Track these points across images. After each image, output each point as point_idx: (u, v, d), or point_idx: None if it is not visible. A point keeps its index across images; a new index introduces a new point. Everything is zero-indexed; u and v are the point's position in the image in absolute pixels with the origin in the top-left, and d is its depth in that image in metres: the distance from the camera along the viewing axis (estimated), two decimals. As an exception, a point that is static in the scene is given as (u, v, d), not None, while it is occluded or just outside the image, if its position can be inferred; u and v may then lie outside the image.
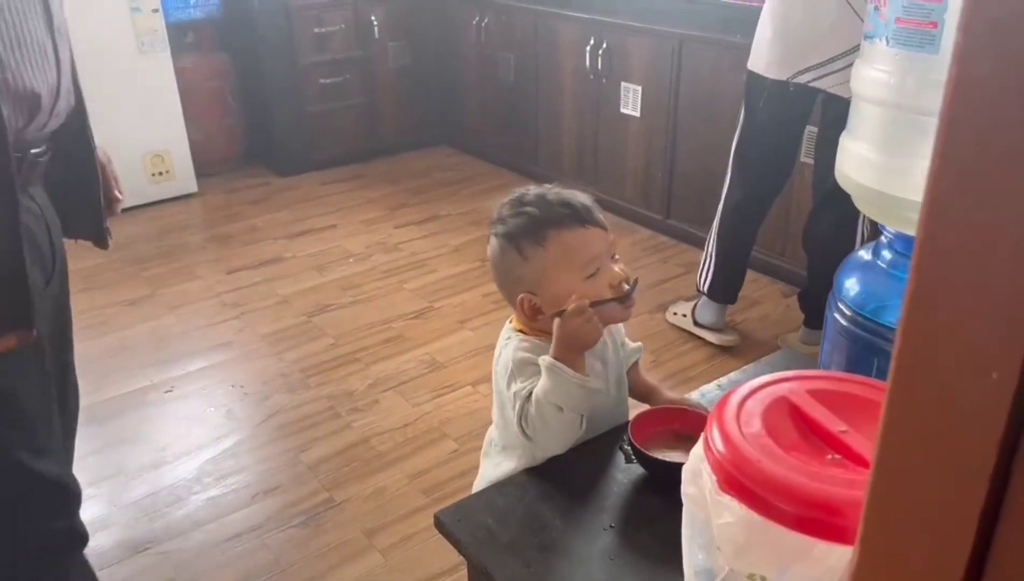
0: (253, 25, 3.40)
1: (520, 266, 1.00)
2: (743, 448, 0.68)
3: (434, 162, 3.83)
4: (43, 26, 0.94)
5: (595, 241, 0.99)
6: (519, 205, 1.00)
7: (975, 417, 0.33)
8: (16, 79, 0.89)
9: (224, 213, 3.30)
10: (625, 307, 1.01)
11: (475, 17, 3.53)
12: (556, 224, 0.97)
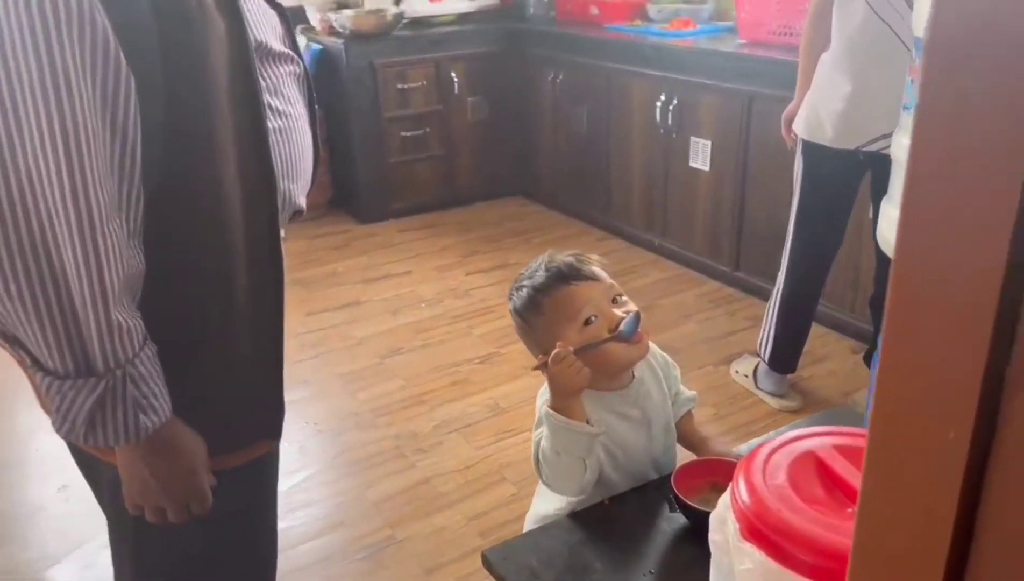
0: (342, 82, 3.61)
1: (530, 334, 1.11)
2: (765, 498, 0.72)
3: (507, 212, 3.94)
4: (308, 131, 0.95)
5: (583, 293, 1.06)
6: (519, 281, 1.11)
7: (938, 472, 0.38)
8: (287, 204, 0.90)
9: (308, 258, 3.47)
10: (630, 344, 1.06)
11: (550, 74, 3.66)
12: (545, 290, 1.07)
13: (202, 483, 0.81)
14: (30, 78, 0.60)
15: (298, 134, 0.88)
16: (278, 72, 0.84)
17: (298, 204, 0.91)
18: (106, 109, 0.65)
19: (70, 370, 0.69)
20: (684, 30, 3.16)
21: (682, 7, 3.37)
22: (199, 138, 0.72)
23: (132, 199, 0.69)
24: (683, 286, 3.05)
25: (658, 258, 3.28)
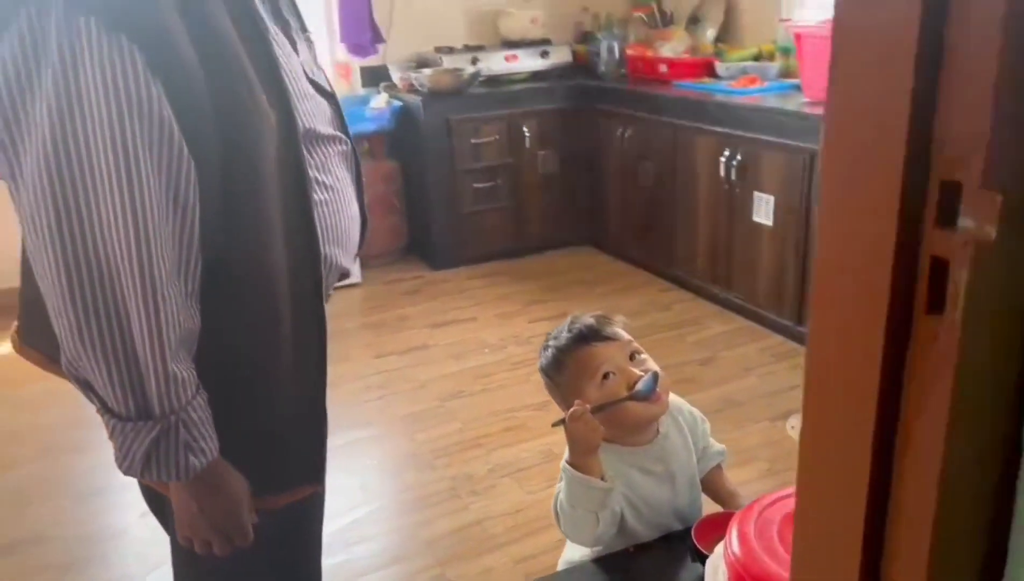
0: (419, 136, 3.81)
1: (556, 391, 1.19)
2: (753, 549, 0.77)
3: (574, 261, 4.03)
4: (354, 202, 1.02)
5: (602, 353, 1.12)
6: (546, 342, 1.19)
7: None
8: (332, 268, 0.98)
9: (380, 302, 3.64)
10: (649, 403, 1.11)
11: (619, 129, 3.76)
12: (566, 350, 1.14)
13: (243, 520, 0.89)
14: (107, 163, 0.72)
15: (343, 205, 0.97)
16: (326, 152, 0.94)
17: (344, 267, 1.01)
18: (170, 189, 0.76)
19: (131, 413, 0.79)
20: (751, 87, 3.21)
21: (749, 65, 3.43)
22: (250, 213, 0.82)
23: (191, 265, 0.80)
24: (746, 339, 3.05)
25: (722, 310, 3.29)
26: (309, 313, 0.91)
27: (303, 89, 0.90)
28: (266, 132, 0.81)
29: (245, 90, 0.79)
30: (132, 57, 0.71)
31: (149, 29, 0.72)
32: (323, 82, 0.98)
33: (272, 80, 0.82)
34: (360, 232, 1.06)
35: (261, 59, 0.81)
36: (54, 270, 0.74)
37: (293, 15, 0.99)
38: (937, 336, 0.42)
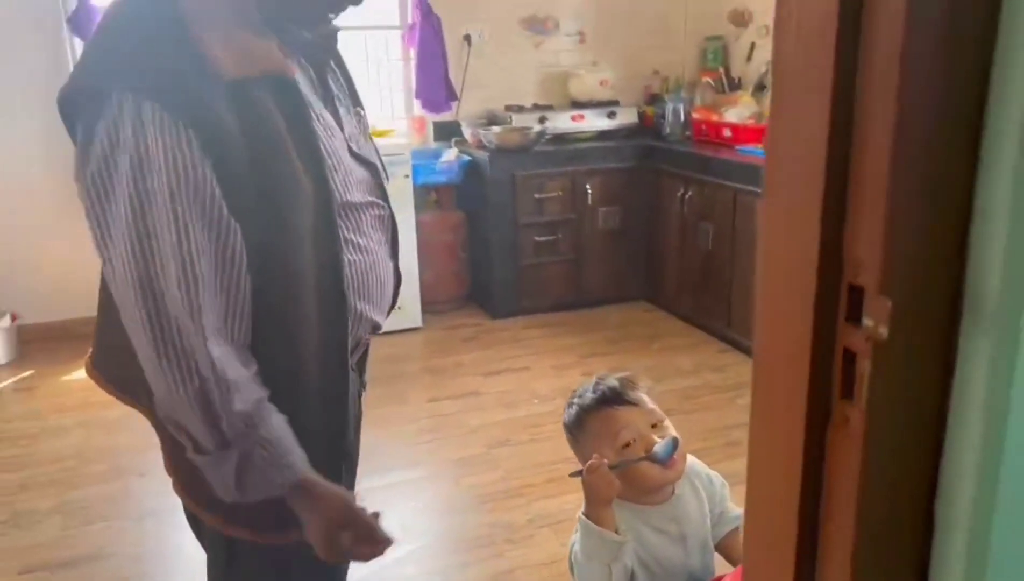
0: (485, 190, 3.95)
1: (577, 448, 1.26)
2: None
3: (631, 316, 4.07)
4: (389, 262, 1.10)
5: (623, 417, 1.17)
6: (571, 398, 1.25)
7: None
8: (362, 322, 1.05)
9: (439, 348, 3.75)
10: (665, 467, 1.15)
11: (680, 189, 3.82)
12: (589, 410, 1.20)
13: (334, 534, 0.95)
14: (168, 230, 0.84)
15: (376, 265, 1.06)
16: (362, 216, 1.04)
17: (375, 321, 1.09)
18: (217, 250, 0.87)
19: (214, 446, 0.89)
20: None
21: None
22: (285, 271, 0.92)
23: (238, 315, 0.91)
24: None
25: (775, 376, 3.26)
26: (335, 363, 1.00)
27: (343, 160, 1.00)
28: (302, 200, 0.91)
29: (284, 165, 0.90)
30: (188, 138, 0.83)
31: (202, 115, 0.84)
32: (367, 153, 1.09)
33: (310, 154, 0.92)
34: (394, 289, 1.15)
35: (301, 137, 0.92)
36: (142, 330, 0.86)
37: (345, 92, 1.11)
38: (849, 419, 0.48)
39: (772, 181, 0.51)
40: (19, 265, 3.73)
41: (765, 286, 0.53)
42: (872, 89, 0.44)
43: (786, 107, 0.49)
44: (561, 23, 4.40)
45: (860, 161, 0.45)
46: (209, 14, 0.87)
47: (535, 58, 4.41)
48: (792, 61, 0.49)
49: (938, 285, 0.45)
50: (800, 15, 0.47)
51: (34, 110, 3.53)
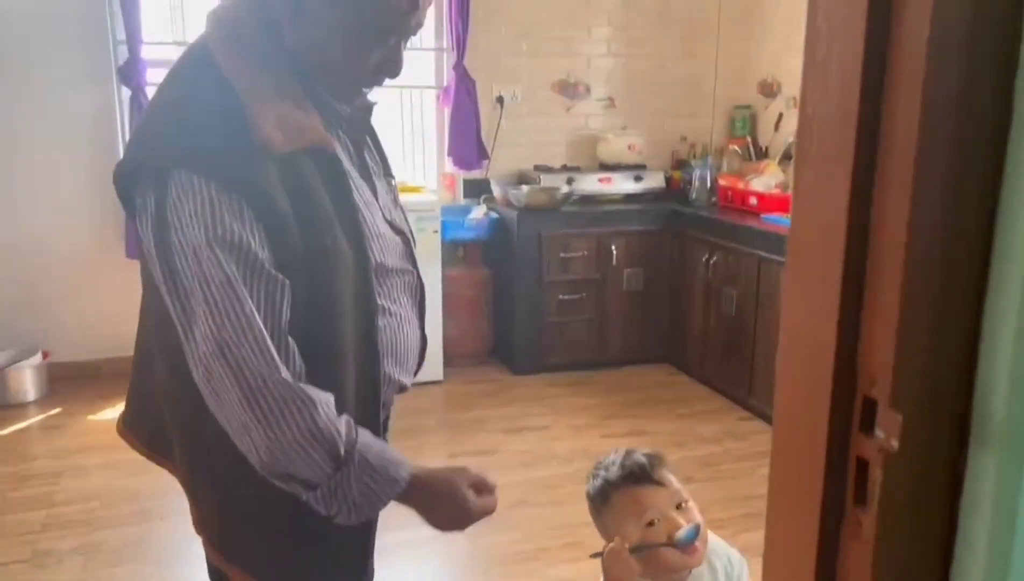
0: (512, 247, 4.01)
1: (598, 519, 1.27)
2: None
3: (653, 379, 4.06)
4: (416, 326, 1.15)
5: (649, 497, 1.18)
6: (597, 468, 1.26)
7: None
8: (389, 382, 1.09)
9: (460, 402, 3.77)
10: (684, 553, 1.16)
11: (704, 254, 3.86)
12: (615, 485, 1.21)
13: (468, 506, 1.03)
14: (233, 302, 0.90)
15: (405, 329, 1.11)
16: (394, 282, 1.09)
17: (402, 383, 1.13)
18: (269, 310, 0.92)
19: (331, 471, 0.92)
20: (837, 226, 3.26)
21: (838, 204, 3.48)
22: (328, 334, 0.97)
23: None
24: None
25: (797, 446, 3.24)
26: (368, 425, 1.03)
27: (378, 228, 1.05)
28: (343, 268, 0.97)
29: (328, 234, 0.95)
30: (242, 210, 0.90)
31: (254, 190, 0.90)
32: (399, 221, 1.13)
33: (351, 224, 0.98)
34: (420, 352, 1.19)
35: (343, 207, 0.98)
36: (233, 392, 0.90)
37: (377, 161, 1.17)
38: (862, 524, 0.51)
39: (790, 296, 0.54)
40: (53, 304, 3.83)
41: (784, 392, 0.56)
42: (885, 219, 0.47)
43: (804, 226, 0.53)
44: (592, 88, 4.51)
45: (874, 280, 0.48)
46: (260, 92, 0.93)
47: (565, 121, 4.51)
48: (810, 181, 0.53)
49: (948, 402, 0.48)
50: (819, 147, 0.51)
51: (78, 156, 3.67)
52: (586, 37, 4.46)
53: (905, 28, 0.44)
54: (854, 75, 0.47)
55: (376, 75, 1.02)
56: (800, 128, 0.53)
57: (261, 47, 0.95)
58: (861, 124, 0.47)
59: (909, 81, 0.44)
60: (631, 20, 4.49)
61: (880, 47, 0.46)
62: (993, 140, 0.45)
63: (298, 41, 0.96)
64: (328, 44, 0.96)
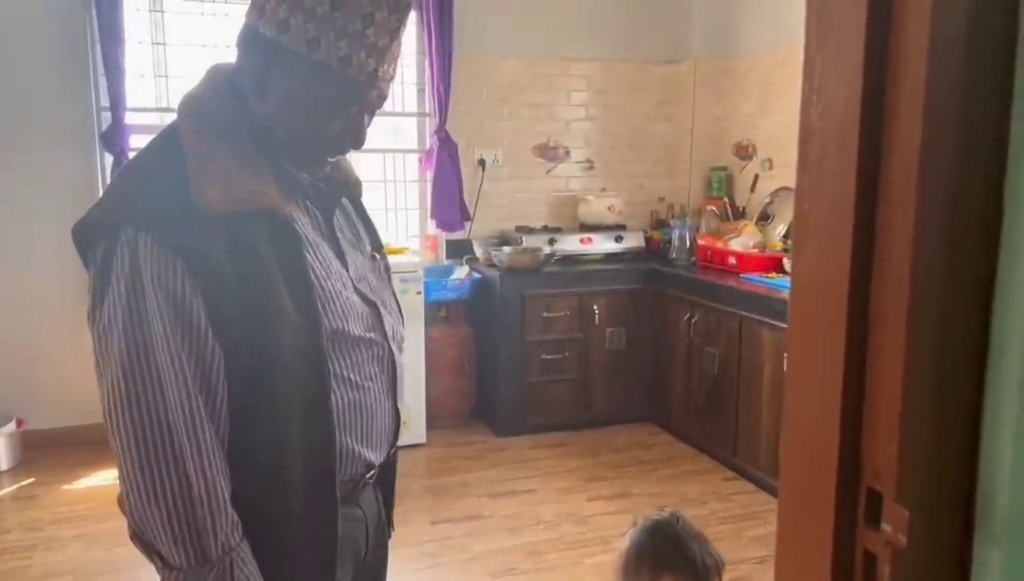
0: (494, 307, 4.02)
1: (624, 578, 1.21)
2: None
3: (636, 439, 4.05)
4: (387, 400, 1.12)
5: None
6: (635, 531, 1.23)
7: None
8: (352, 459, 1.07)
9: (443, 465, 3.72)
10: None
11: (686, 313, 3.89)
12: (646, 561, 1.18)
13: None
14: (160, 354, 0.91)
15: (372, 403, 1.08)
16: (359, 352, 1.06)
17: (369, 460, 1.10)
18: (199, 371, 0.93)
19: (192, 561, 0.92)
20: (815, 286, 3.30)
21: (816, 263, 3.54)
22: (269, 398, 0.97)
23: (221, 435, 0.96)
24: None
25: (783, 506, 3.22)
26: (322, 497, 1.01)
27: (341, 295, 1.05)
28: (287, 329, 0.97)
29: (270, 295, 0.96)
30: (176, 265, 0.92)
31: (191, 244, 0.93)
32: (371, 293, 1.12)
33: (300, 287, 0.98)
34: (394, 429, 1.15)
35: (292, 270, 0.98)
36: (129, 440, 0.91)
37: (357, 234, 1.18)
38: (872, 619, 0.51)
39: (793, 386, 0.55)
40: (27, 370, 3.77)
41: (787, 482, 0.56)
42: (884, 313, 0.49)
43: (804, 317, 0.54)
44: (571, 151, 4.60)
45: (875, 372, 0.50)
46: (210, 159, 0.97)
47: (546, 183, 4.58)
48: (808, 273, 0.54)
49: (952, 495, 0.48)
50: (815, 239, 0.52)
51: (58, 221, 3.63)
52: (565, 101, 4.57)
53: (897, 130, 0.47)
54: (848, 177, 0.49)
55: (339, 145, 1.05)
56: (796, 221, 0.55)
57: (222, 121, 1.00)
58: (858, 221, 0.49)
59: (902, 184, 0.46)
60: (608, 85, 4.61)
61: (874, 151, 0.48)
62: (986, 240, 0.47)
63: (265, 115, 1.01)
64: (292, 116, 1.00)
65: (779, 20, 4.10)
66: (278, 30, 0.95)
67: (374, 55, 0.97)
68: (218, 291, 0.94)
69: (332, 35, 0.95)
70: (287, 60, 0.97)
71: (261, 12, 0.97)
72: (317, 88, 0.97)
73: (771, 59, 4.15)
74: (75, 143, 3.74)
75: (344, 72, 0.96)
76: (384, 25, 0.97)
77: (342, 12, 0.94)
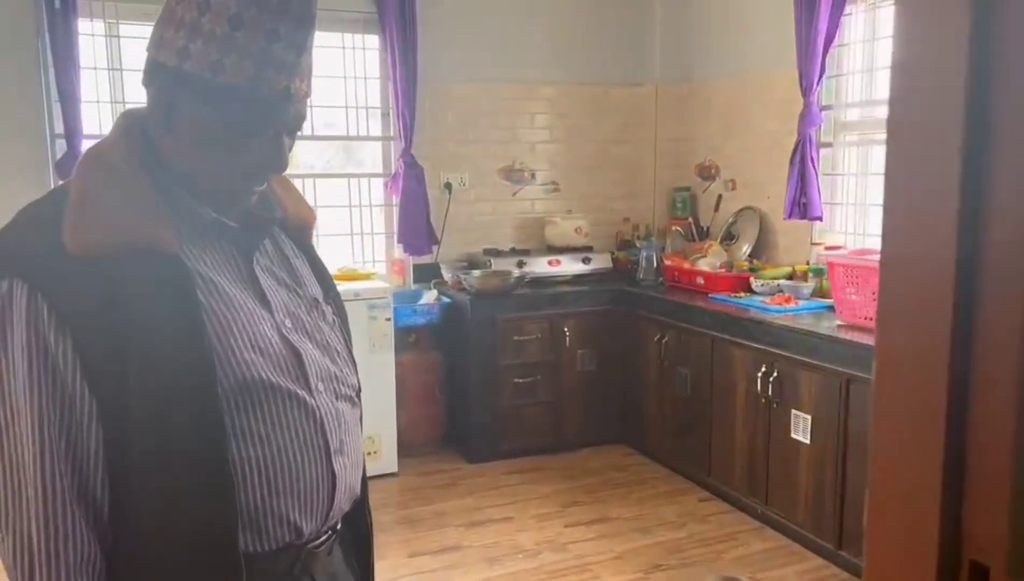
0: (464, 331, 3.99)
1: None
2: None
3: (610, 461, 4.04)
4: (314, 458, 1.00)
5: None
6: None
7: None
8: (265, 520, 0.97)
9: (416, 495, 3.65)
10: None
11: (657, 334, 3.91)
12: None
13: None
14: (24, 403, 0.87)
15: (293, 461, 0.98)
16: (276, 405, 0.97)
17: (297, 524, 0.99)
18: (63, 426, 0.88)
19: None
20: (786, 306, 3.36)
21: (784, 283, 3.60)
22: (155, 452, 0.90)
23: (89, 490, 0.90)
24: (785, 559, 2.98)
25: (761, 526, 3.24)
26: (223, 563, 0.93)
27: (247, 339, 0.97)
28: (170, 379, 0.90)
29: (153, 339, 0.89)
30: (45, 311, 0.88)
31: (59, 288, 0.88)
32: (298, 341, 1.03)
33: (189, 331, 0.91)
34: (330, 490, 1.03)
35: (182, 314, 0.91)
36: None
37: (298, 280, 1.10)
38: None
39: (881, 454, 0.53)
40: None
41: (876, 556, 0.54)
42: (989, 372, 0.47)
43: (893, 380, 0.53)
44: (537, 173, 4.60)
45: (978, 444, 0.48)
46: (95, 203, 0.92)
47: (512, 205, 4.57)
48: (897, 337, 0.53)
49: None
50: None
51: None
52: (529, 124, 4.57)
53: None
54: (949, 235, 0.47)
55: (259, 172, 0.99)
56: (884, 284, 0.53)
57: (116, 161, 0.95)
58: (959, 282, 0.48)
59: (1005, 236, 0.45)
60: (571, 108, 4.63)
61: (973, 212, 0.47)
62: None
63: (175, 150, 0.96)
64: (202, 147, 0.95)
65: (740, 47, 4.18)
66: (179, 58, 0.91)
67: (284, 72, 0.93)
68: (90, 338, 0.88)
69: (235, 56, 0.90)
70: (192, 88, 0.92)
71: (160, 43, 0.93)
72: (227, 113, 0.93)
73: (732, 83, 4.23)
74: (28, 172, 3.60)
75: (254, 92, 0.92)
76: (291, 40, 0.92)
77: (243, 31, 0.90)
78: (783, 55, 3.73)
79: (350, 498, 1.09)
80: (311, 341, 1.06)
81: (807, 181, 3.63)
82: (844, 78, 3.68)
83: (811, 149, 3.63)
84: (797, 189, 3.67)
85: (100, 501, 0.91)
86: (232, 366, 0.94)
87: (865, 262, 2.97)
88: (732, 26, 4.23)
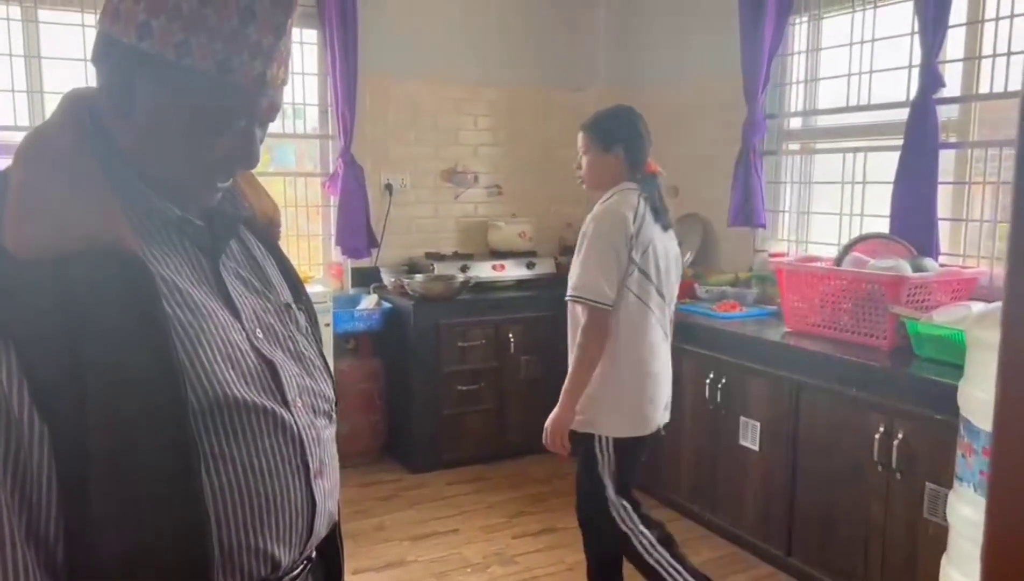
0: (406, 337, 3.87)
1: None
2: None
3: (556, 469, 3.97)
4: (292, 482, 0.91)
5: None
6: None
7: None
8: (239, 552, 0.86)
9: (356, 508, 3.51)
10: None
11: (602, 340, 3.87)
12: None
13: None
14: None
15: (271, 487, 0.88)
16: (250, 424, 0.86)
17: (275, 556, 0.89)
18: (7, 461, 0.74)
19: None
20: (732, 312, 3.36)
21: (728, 290, 3.62)
22: (116, 466, 0.77)
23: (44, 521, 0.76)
24: (734, 567, 2.98)
25: (708, 533, 3.24)
26: None
27: (215, 351, 0.85)
28: (131, 397, 0.78)
29: (110, 349, 0.77)
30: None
31: (2, 297, 0.75)
32: (270, 351, 0.93)
33: (153, 339, 0.79)
34: (309, 517, 0.93)
35: (144, 319, 0.79)
36: None
37: (268, 284, 1.00)
38: None
39: (1000, 499, 0.47)
40: None
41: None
42: None
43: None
44: (480, 176, 4.52)
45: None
46: (37, 194, 0.79)
47: (454, 208, 4.48)
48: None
49: None
50: None
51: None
52: (472, 126, 4.49)
53: None
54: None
55: (226, 166, 0.88)
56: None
57: (63, 148, 0.82)
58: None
59: None
60: (514, 111, 4.57)
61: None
62: None
63: (129, 136, 0.85)
64: (164, 137, 0.84)
65: (682, 52, 4.19)
66: (138, 35, 0.80)
67: (260, 56, 0.82)
68: (40, 353, 0.75)
69: (203, 36, 0.80)
70: (152, 70, 0.81)
71: (116, 16, 0.81)
72: (192, 100, 0.82)
73: (675, 88, 4.24)
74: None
75: (224, 78, 0.81)
76: (268, 20, 0.82)
77: (212, 8, 0.80)
78: (727, 62, 3.75)
79: (328, 523, 1.00)
80: (284, 351, 0.95)
81: (751, 189, 3.66)
82: (787, 88, 3.73)
83: (755, 157, 3.66)
84: (741, 197, 3.69)
85: (53, 542, 0.78)
86: (203, 382, 0.82)
87: (813, 269, 2.99)
88: (676, 32, 4.24)
